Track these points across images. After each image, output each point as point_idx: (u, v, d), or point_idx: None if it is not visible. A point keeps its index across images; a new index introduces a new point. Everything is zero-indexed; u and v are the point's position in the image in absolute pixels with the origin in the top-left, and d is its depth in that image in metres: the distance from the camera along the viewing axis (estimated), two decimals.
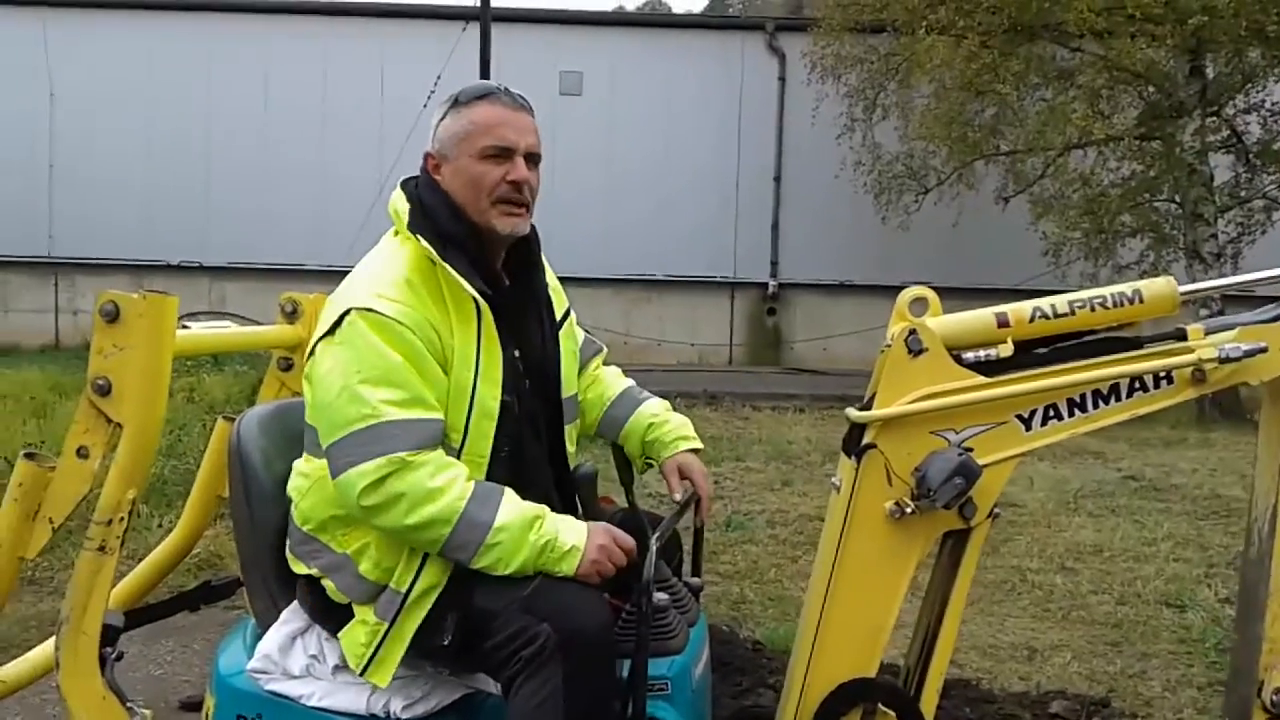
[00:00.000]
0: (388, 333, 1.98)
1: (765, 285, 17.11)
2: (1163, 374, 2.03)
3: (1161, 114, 12.41)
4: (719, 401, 11.71)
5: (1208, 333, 2.04)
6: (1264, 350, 1.99)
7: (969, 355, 2.05)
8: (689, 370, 15.59)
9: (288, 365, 3.24)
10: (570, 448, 2.34)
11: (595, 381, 2.54)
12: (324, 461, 2.03)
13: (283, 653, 2.10)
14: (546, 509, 2.02)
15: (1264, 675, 2.01)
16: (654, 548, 2.00)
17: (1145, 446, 8.95)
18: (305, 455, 2.16)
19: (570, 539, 1.98)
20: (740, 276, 17.11)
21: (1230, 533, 5.96)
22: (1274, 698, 1.99)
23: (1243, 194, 13.02)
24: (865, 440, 2.05)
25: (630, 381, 2.59)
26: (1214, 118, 12.56)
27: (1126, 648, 4.26)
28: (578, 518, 2.09)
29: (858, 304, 16.20)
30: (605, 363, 2.61)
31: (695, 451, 2.45)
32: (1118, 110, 12.93)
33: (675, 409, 2.57)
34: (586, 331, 2.57)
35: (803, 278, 16.95)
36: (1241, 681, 2.10)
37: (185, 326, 2.62)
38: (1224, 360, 1.98)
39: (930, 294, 2.12)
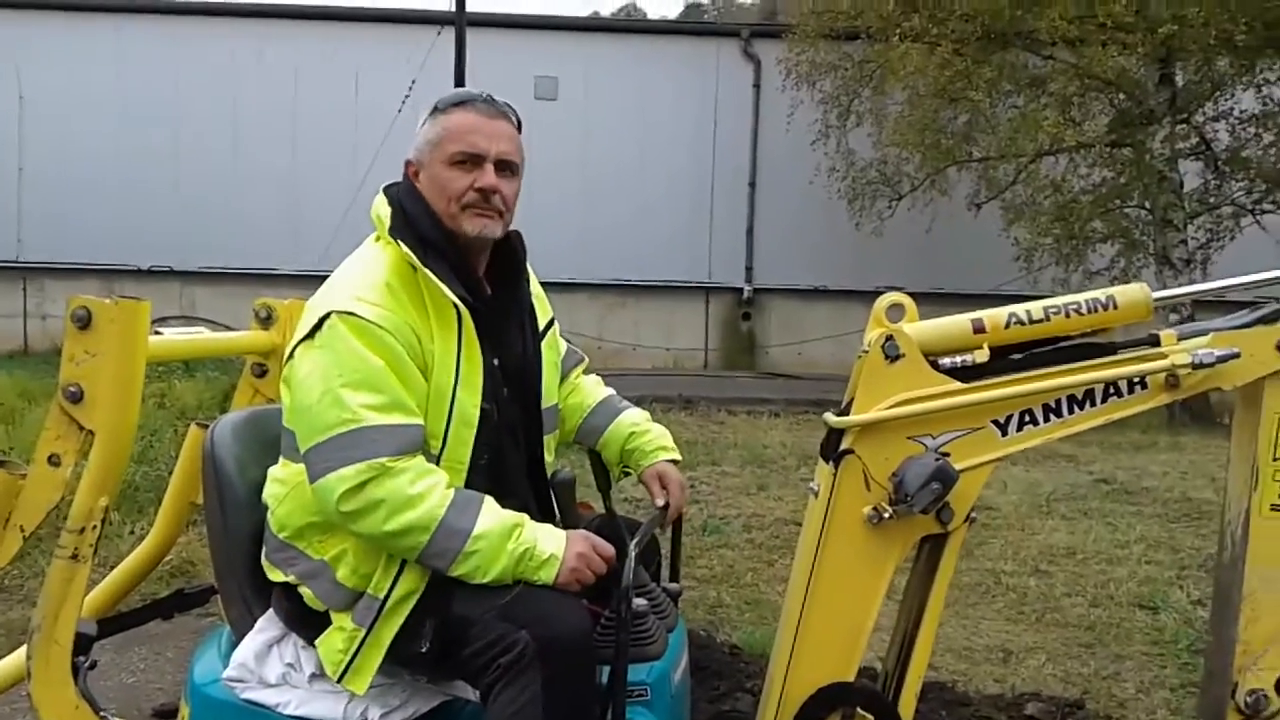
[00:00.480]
0: (368, 337, 1.98)
1: (740, 290, 17.15)
2: (1137, 379, 2.05)
3: (1132, 121, 12.54)
4: (694, 406, 11.72)
5: (1181, 338, 2.06)
6: (1237, 356, 2.01)
7: (945, 361, 2.07)
8: (664, 375, 15.58)
9: (262, 371, 3.22)
10: (549, 457, 2.33)
11: (575, 389, 2.55)
12: (301, 466, 2.02)
13: (259, 661, 2.08)
14: (526, 517, 2.02)
15: (1238, 677, 2.03)
16: (633, 554, 1.99)
17: (1117, 450, 9.02)
18: (282, 460, 2.15)
19: (549, 547, 1.98)
20: (715, 281, 17.15)
21: (1201, 535, 6.02)
22: (1248, 699, 2.01)
23: (1211, 200, 13.18)
24: (843, 446, 2.06)
25: (610, 390, 2.60)
26: (1183, 125, 12.71)
27: (1100, 649, 4.30)
28: (555, 524, 2.08)
29: (832, 309, 16.27)
30: (586, 372, 2.61)
31: (674, 463, 2.45)
32: (1089, 117, 13.06)
33: (650, 413, 2.58)
34: (568, 342, 2.58)
35: (777, 283, 17.00)
36: (1216, 683, 2.12)
37: (158, 332, 2.60)
38: (1198, 365, 2.00)
39: (907, 300, 2.13)
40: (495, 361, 2.16)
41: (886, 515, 2.01)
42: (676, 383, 13.62)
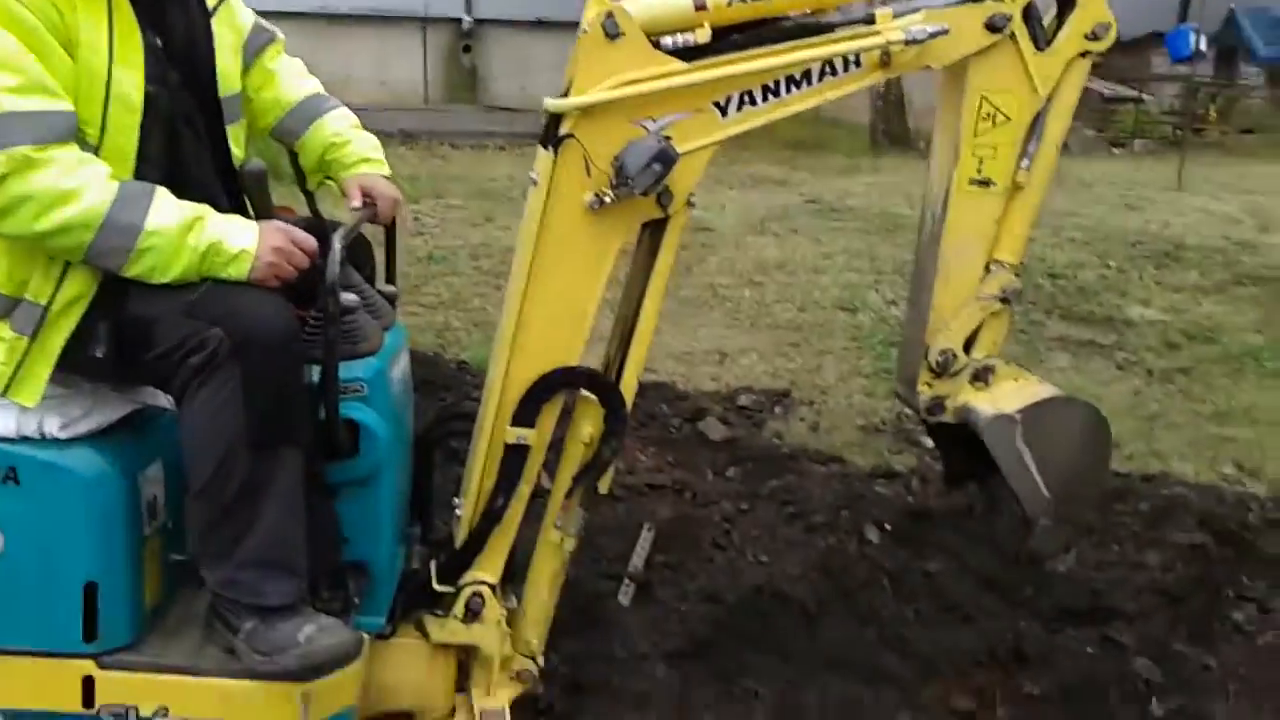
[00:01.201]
0: None
1: (460, 21, 16.23)
2: (852, 57, 2.04)
3: None
4: (414, 140, 11.24)
5: (896, 17, 2.06)
6: (947, 32, 2.04)
7: (667, 41, 1.97)
8: (381, 110, 14.74)
9: None
10: (236, 149, 2.09)
11: (270, 81, 2.27)
12: None
13: None
14: (209, 209, 1.82)
15: (930, 340, 2.19)
16: (338, 246, 1.84)
17: (825, 173, 9.48)
18: None
19: (240, 242, 1.80)
20: (432, 12, 16.10)
21: (897, 245, 6.49)
22: (939, 358, 2.18)
23: None
24: (563, 131, 1.96)
25: (314, 85, 2.34)
26: None
27: (805, 347, 4.65)
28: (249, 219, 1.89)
29: (556, 41, 15.72)
30: (285, 53, 2.33)
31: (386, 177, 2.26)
32: None
33: None
34: (257, 15, 2.26)
35: (499, 14, 16.20)
36: (910, 351, 2.28)
37: None
38: (910, 42, 2.01)
39: None
40: (158, 41, 1.88)
41: (607, 200, 1.95)
42: (394, 117, 12.89)
